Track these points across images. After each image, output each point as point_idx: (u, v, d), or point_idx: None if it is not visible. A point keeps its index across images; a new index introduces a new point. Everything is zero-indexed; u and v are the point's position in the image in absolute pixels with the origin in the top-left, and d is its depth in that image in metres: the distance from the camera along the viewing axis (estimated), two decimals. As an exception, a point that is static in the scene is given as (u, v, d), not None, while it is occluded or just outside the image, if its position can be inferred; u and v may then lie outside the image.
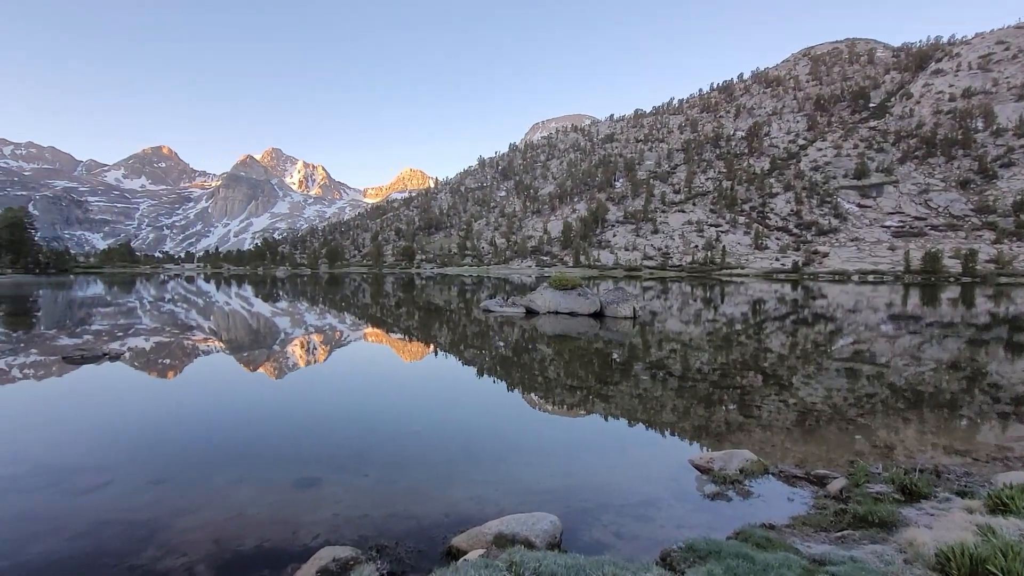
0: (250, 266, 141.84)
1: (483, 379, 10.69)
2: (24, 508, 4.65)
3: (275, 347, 14.84)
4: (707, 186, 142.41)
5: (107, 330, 17.32)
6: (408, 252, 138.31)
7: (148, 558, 3.79)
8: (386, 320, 22.42)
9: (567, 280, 23.17)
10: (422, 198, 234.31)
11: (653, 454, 6.44)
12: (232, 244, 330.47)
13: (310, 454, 6.08)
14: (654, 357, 12.85)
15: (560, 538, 3.94)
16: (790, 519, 4.42)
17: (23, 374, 10.55)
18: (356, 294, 39.48)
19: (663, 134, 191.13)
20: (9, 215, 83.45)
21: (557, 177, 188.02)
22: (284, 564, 3.69)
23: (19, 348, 13.62)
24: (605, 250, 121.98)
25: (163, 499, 4.79)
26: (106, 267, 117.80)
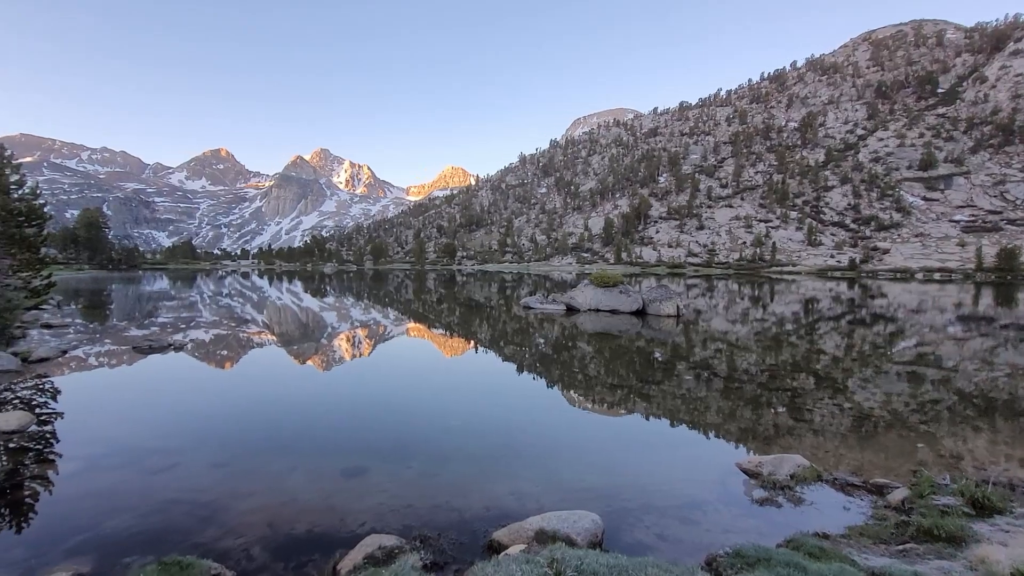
0: (300, 262, 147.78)
1: (523, 375, 10.73)
2: (103, 485, 5.07)
3: (323, 340, 15.42)
4: (756, 180, 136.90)
5: (171, 322, 18.51)
6: (449, 249, 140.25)
7: (210, 537, 4.06)
8: (428, 316, 22.85)
9: (608, 277, 22.87)
10: (463, 196, 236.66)
11: (697, 456, 6.29)
12: (283, 241, 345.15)
13: (356, 444, 6.30)
14: (698, 357, 12.52)
15: (602, 537, 3.93)
16: (846, 529, 4.22)
17: (99, 362, 11.44)
18: (399, 290, 40.43)
19: (709, 127, 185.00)
20: (87, 215, 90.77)
21: (598, 173, 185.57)
22: (333, 549, 3.86)
23: (96, 338, 14.76)
24: (647, 247, 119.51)
25: (223, 482, 5.11)
26: (170, 263, 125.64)
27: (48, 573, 3.43)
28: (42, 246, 15.63)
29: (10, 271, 13.80)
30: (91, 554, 3.81)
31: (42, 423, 6.97)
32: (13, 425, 6.53)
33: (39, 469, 5.44)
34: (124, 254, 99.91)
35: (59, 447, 6.14)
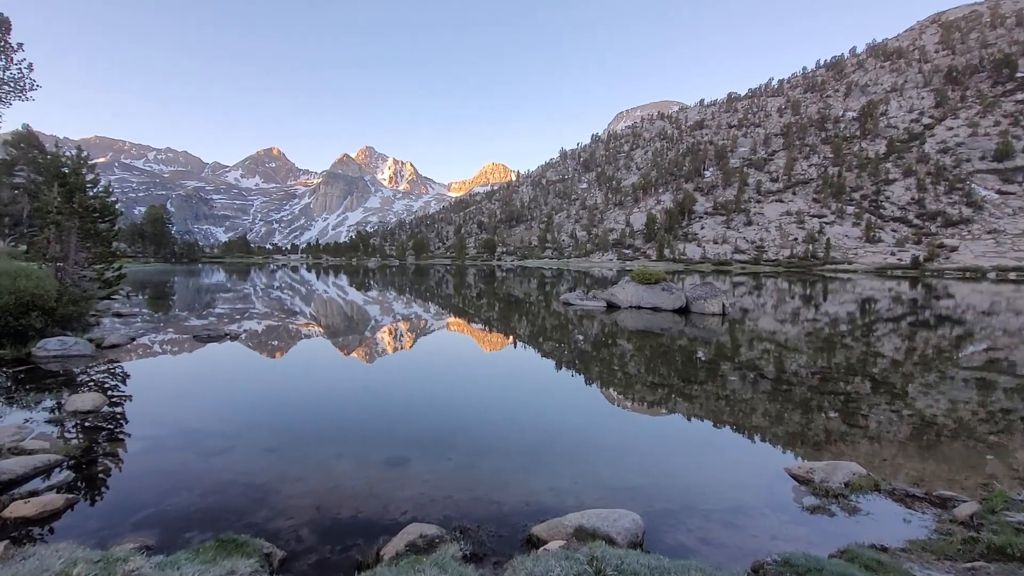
0: (345, 257, 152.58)
1: (562, 372, 10.69)
2: (166, 464, 5.42)
3: (366, 333, 15.87)
4: (810, 173, 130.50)
5: (227, 313, 19.52)
6: (489, 244, 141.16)
7: (262, 517, 4.27)
8: (467, 310, 23.09)
9: (650, 274, 22.41)
10: (503, 191, 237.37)
11: (743, 459, 6.08)
12: (330, 237, 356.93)
13: (398, 435, 6.46)
14: (744, 357, 12.09)
15: (642, 538, 3.88)
16: (906, 543, 3.98)
17: (163, 350, 12.22)
18: (440, 285, 41.06)
19: (759, 118, 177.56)
20: (152, 212, 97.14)
21: (641, 167, 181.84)
22: (376, 535, 3.98)
23: (160, 327, 15.76)
24: (692, 243, 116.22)
25: (275, 466, 5.36)
26: (226, 257, 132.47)
27: (118, 543, 3.70)
28: (113, 240, 16.80)
29: (86, 263, 14.91)
30: (156, 528, 4.09)
31: (113, 404, 7.52)
32: (89, 406, 7.09)
33: (110, 447, 5.87)
34: (185, 248, 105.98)
35: (128, 427, 6.60)
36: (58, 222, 14.00)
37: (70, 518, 4.25)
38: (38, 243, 15.17)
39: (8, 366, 9.56)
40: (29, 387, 8.29)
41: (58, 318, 12.16)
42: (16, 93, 19.80)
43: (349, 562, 3.68)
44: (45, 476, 4.94)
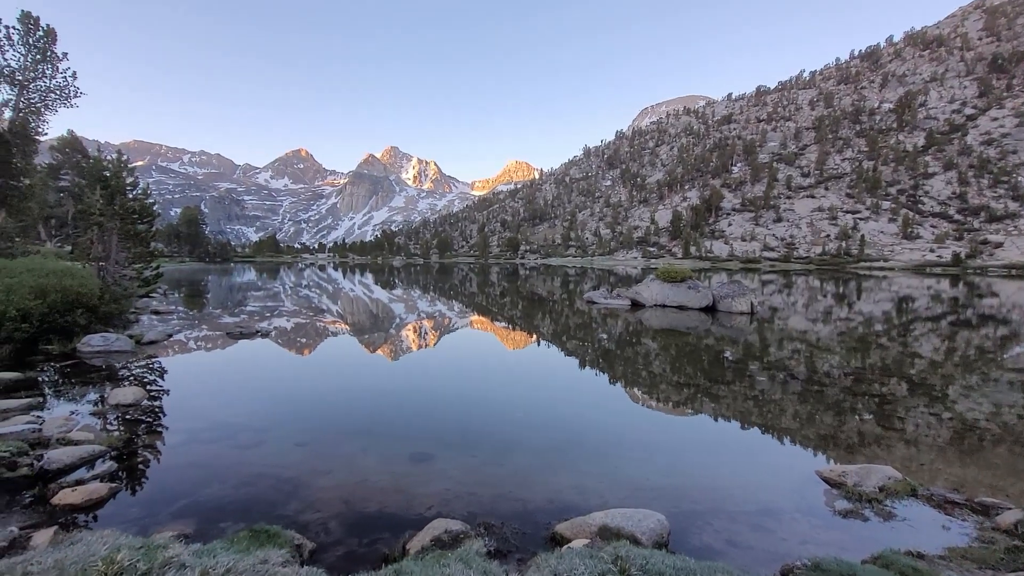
0: (370, 256, 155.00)
1: (585, 370, 10.64)
2: (201, 457, 5.62)
3: (391, 331, 16.10)
4: (843, 168, 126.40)
5: (258, 311, 20.07)
6: (513, 243, 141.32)
7: (292, 510, 4.39)
8: (491, 308, 23.19)
9: (676, 272, 22.09)
10: (527, 189, 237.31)
11: (772, 461, 5.95)
12: (356, 236, 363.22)
13: (422, 431, 6.55)
14: (773, 357, 11.81)
15: (667, 538, 3.84)
16: (945, 550, 3.84)
17: (198, 346, 12.65)
18: (463, 283, 41.32)
19: (790, 111, 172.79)
20: (187, 213, 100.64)
21: (667, 164, 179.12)
22: (402, 529, 4.05)
23: (195, 324, 16.31)
24: (719, 240, 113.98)
25: (304, 460, 5.50)
26: (257, 257, 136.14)
27: (158, 531, 3.86)
28: (151, 241, 17.47)
29: (126, 263, 15.55)
30: (192, 517, 4.25)
31: (151, 398, 7.83)
32: (129, 399, 7.40)
33: (149, 439, 6.12)
34: (218, 248, 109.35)
35: (165, 420, 6.86)
36: (100, 223, 14.63)
37: (113, 506, 4.45)
38: (82, 244, 15.91)
39: (55, 361, 10.05)
40: (74, 381, 8.71)
41: (101, 315, 12.72)
42: (61, 100, 20.74)
43: (376, 555, 3.76)
44: (89, 466, 5.18)
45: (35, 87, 20.10)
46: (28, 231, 34.04)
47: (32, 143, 20.69)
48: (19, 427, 5.97)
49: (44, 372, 9.25)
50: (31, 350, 10.60)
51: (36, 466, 5.03)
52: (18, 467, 5.02)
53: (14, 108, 19.76)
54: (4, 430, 5.83)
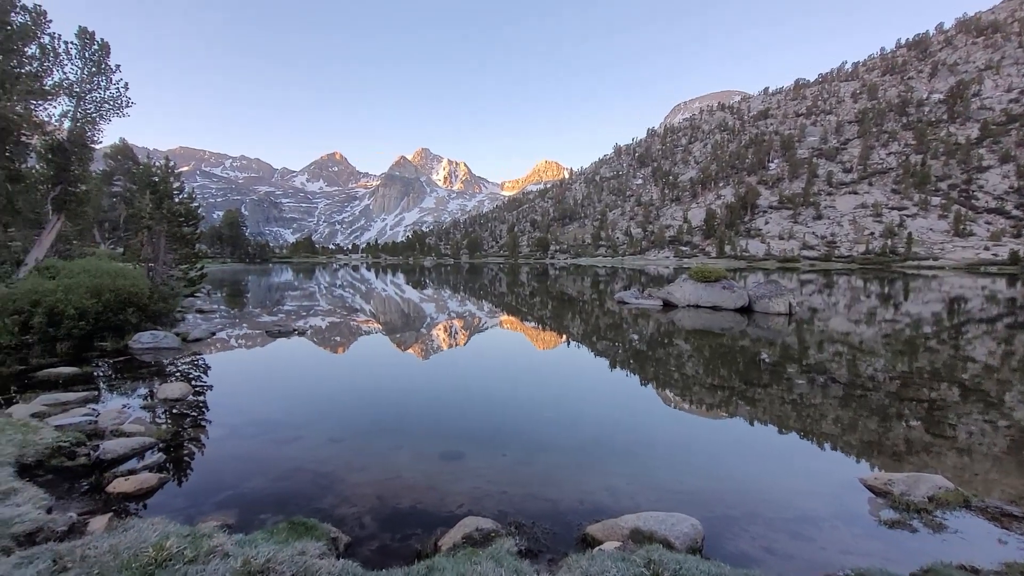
0: (402, 256, 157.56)
1: (616, 371, 10.53)
2: (242, 451, 5.84)
3: (422, 330, 16.32)
4: (888, 162, 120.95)
5: (294, 310, 20.69)
6: (542, 243, 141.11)
7: (328, 504, 4.51)
8: (520, 308, 23.21)
9: (710, 272, 21.59)
10: (556, 189, 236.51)
11: (811, 467, 5.74)
12: (388, 236, 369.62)
13: (453, 430, 6.62)
14: (813, 360, 11.40)
15: (701, 544, 3.76)
16: (1002, 565, 3.62)
17: (239, 344, 13.15)
18: (493, 283, 41.50)
19: (831, 105, 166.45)
20: (229, 216, 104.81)
21: (700, 161, 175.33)
22: (434, 526, 4.11)
23: (236, 323, 16.95)
24: (755, 239, 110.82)
25: (339, 456, 5.65)
26: (294, 257, 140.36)
27: (203, 521, 4.04)
28: (196, 242, 18.23)
29: (173, 264, 16.29)
30: (235, 508, 4.43)
31: (196, 393, 8.19)
32: (177, 394, 7.76)
33: (194, 432, 6.40)
34: (258, 249, 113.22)
35: (209, 415, 7.16)
36: (150, 226, 15.38)
37: (161, 495, 4.68)
38: (133, 246, 16.77)
39: (109, 357, 10.63)
40: (126, 376, 9.20)
41: (150, 314, 13.38)
42: (114, 110, 21.85)
43: (408, 550, 3.83)
44: (140, 457, 5.47)
45: (91, 98, 21.25)
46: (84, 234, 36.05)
47: (88, 151, 21.88)
48: (77, 419, 6.35)
49: (99, 367, 9.79)
50: (87, 346, 11.25)
51: (92, 456, 5.35)
52: (76, 456, 5.35)
53: (72, 119, 20.96)
54: (64, 421, 6.21)
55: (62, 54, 20.34)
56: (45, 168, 20.85)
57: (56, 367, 9.29)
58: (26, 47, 19.02)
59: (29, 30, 18.79)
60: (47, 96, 19.79)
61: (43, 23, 19.44)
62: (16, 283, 12.37)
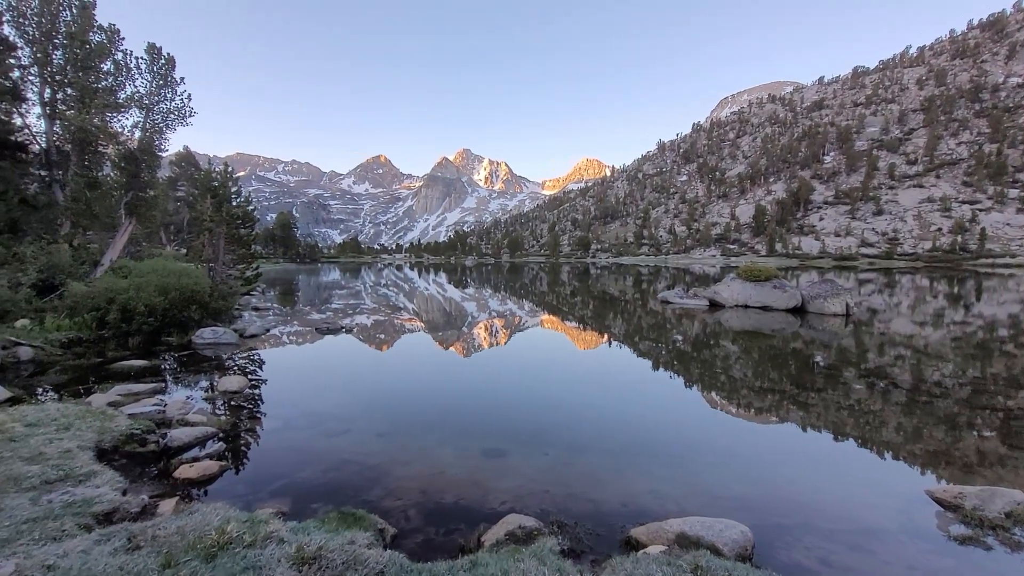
0: (444, 256, 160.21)
1: (660, 372, 10.31)
2: (295, 442, 6.11)
3: (464, 328, 16.54)
4: (959, 153, 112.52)
5: (342, 308, 21.42)
6: (583, 242, 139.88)
7: (375, 496, 4.66)
8: (561, 308, 23.11)
9: (760, 270, 20.78)
10: (598, 187, 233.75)
11: (872, 477, 5.43)
12: (430, 236, 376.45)
13: (495, 427, 6.67)
14: (872, 363, 10.77)
15: (751, 552, 3.64)
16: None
17: (290, 340, 13.74)
18: (534, 282, 41.49)
19: (893, 93, 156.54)
20: (281, 218, 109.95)
21: (748, 156, 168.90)
22: (477, 522, 4.17)
23: (288, 320, 17.72)
24: (808, 236, 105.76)
25: (385, 450, 5.81)
26: (341, 257, 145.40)
27: (260, 507, 4.25)
28: (252, 244, 19.18)
29: (231, 264, 17.20)
30: (288, 497, 4.64)
31: (252, 387, 8.62)
32: (235, 387, 8.20)
33: (251, 424, 6.74)
34: (308, 250, 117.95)
35: (264, 407, 7.53)
36: (210, 229, 16.31)
37: (222, 482, 4.96)
38: (195, 247, 17.83)
39: (174, 351, 11.36)
40: (190, 369, 9.80)
41: (211, 311, 14.19)
42: (179, 120, 23.34)
43: (452, 545, 3.90)
44: (202, 445, 5.81)
45: (158, 109, 22.77)
46: (152, 236, 38.63)
47: (156, 159, 23.46)
48: (147, 408, 6.83)
49: (165, 360, 10.48)
50: (155, 341, 12.07)
51: (161, 443, 5.74)
52: (147, 443, 5.75)
53: (142, 129, 22.52)
54: (136, 410, 6.68)
55: (133, 69, 21.86)
56: (118, 175, 22.49)
57: (128, 360, 10.01)
58: (102, 63, 20.55)
59: (105, 48, 20.29)
60: (120, 108, 21.31)
61: (117, 40, 20.95)
62: (93, 282, 13.42)
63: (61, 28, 19.21)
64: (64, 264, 14.40)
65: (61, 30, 19.19)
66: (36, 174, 19.51)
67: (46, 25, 18.85)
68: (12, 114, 18.21)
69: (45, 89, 19.21)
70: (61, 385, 8.32)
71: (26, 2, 18.62)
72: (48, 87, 19.22)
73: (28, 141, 19.03)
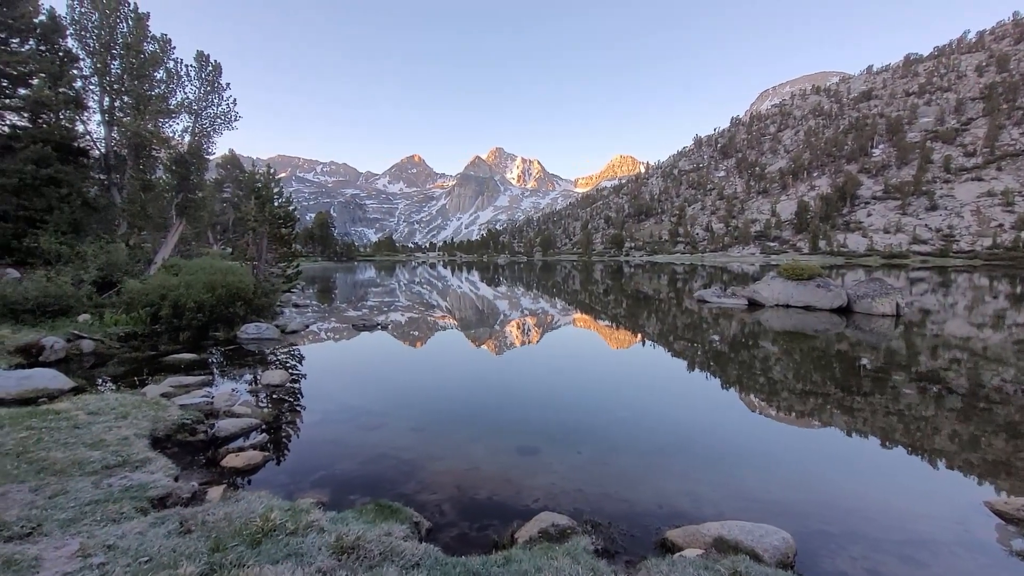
0: (476, 254, 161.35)
1: (695, 373, 10.09)
2: (333, 435, 6.30)
3: (496, 326, 16.62)
4: (1022, 143, 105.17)
5: (377, 305, 21.89)
6: (617, 240, 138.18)
7: (411, 489, 4.75)
8: (594, 307, 22.90)
9: (802, 269, 20.03)
10: (632, 184, 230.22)
11: (925, 487, 5.16)
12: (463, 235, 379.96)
13: (528, 425, 6.69)
14: (925, 367, 10.21)
15: (793, 559, 3.53)
16: None
17: (328, 336, 14.14)
18: (567, 280, 41.27)
19: (949, 81, 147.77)
20: (320, 217, 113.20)
21: (790, 150, 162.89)
22: (510, 518, 4.19)
23: (326, 317, 18.24)
24: (854, 233, 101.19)
25: (420, 445, 5.92)
26: (376, 256, 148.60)
27: (301, 497, 4.41)
28: (293, 242, 19.83)
29: (273, 262, 17.83)
30: (327, 488, 4.79)
31: (293, 380, 8.93)
32: (277, 380, 8.51)
33: (291, 416, 6.99)
34: (344, 248, 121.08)
35: (304, 400, 7.79)
36: (254, 228, 16.95)
37: (265, 472, 5.17)
38: (240, 246, 18.57)
39: (221, 345, 11.88)
40: (235, 362, 10.23)
41: (254, 307, 14.76)
42: (225, 124, 24.35)
43: (486, 540, 3.94)
44: (246, 436, 6.06)
45: (206, 114, 23.83)
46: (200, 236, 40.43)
47: (204, 162, 24.58)
48: (197, 399, 7.17)
49: (212, 354, 10.97)
50: (203, 336, 12.64)
51: (209, 433, 6.02)
52: (196, 433, 6.05)
53: (191, 133, 23.61)
54: (186, 401, 7.03)
55: (183, 76, 22.91)
56: (170, 178, 23.64)
57: (179, 353, 10.53)
58: (155, 72, 21.63)
59: (158, 57, 21.33)
60: (172, 114, 22.39)
61: (168, 50, 21.99)
62: (147, 280, 14.17)
63: (118, 39, 20.34)
64: (121, 262, 15.26)
65: (118, 41, 20.33)
66: (96, 178, 20.76)
67: (105, 37, 20.00)
68: (75, 122, 19.41)
69: (104, 97, 20.39)
70: (118, 376, 8.84)
71: (88, 16, 19.80)
72: (107, 95, 20.40)
73: (89, 147, 20.26)
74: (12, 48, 18.07)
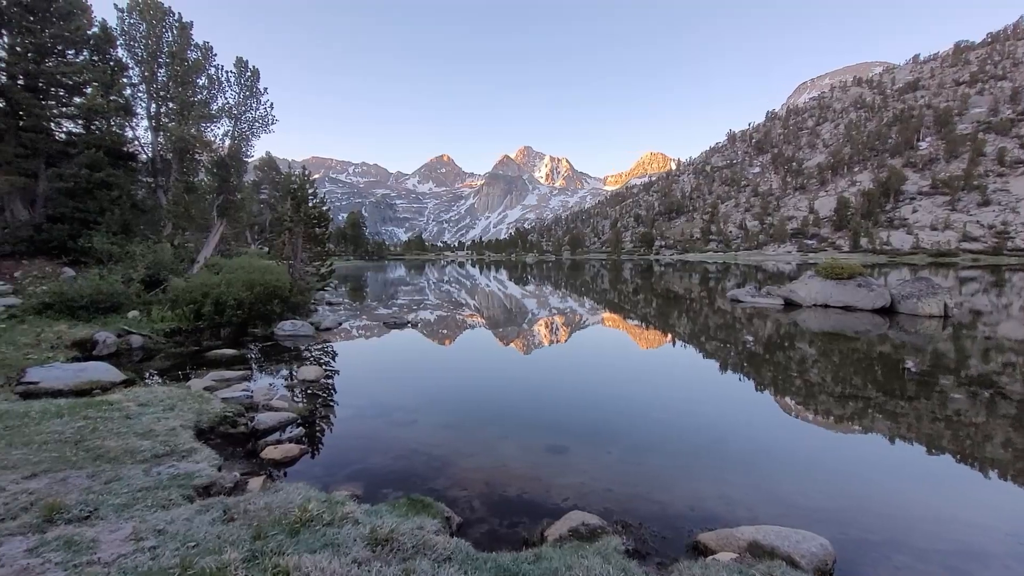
0: (505, 253, 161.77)
1: (728, 374, 9.87)
2: (366, 430, 6.45)
3: (524, 325, 16.64)
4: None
5: (407, 304, 22.23)
6: (647, 238, 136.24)
7: (441, 485, 4.83)
8: (623, 306, 22.67)
9: (843, 267, 19.31)
10: (662, 182, 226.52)
11: (974, 495, 4.92)
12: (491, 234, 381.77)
13: (558, 424, 6.69)
14: (975, 371, 9.71)
15: (832, 567, 3.42)
16: None
17: (360, 333, 14.45)
18: (595, 279, 40.95)
19: (1004, 69, 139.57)
20: (352, 217, 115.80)
21: (829, 144, 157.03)
22: (540, 516, 4.22)
23: (358, 315, 18.64)
24: (899, 230, 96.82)
25: (450, 441, 6.01)
26: (406, 255, 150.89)
27: (336, 489, 4.54)
28: (327, 242, 20.34)
29: (308, 261, 18.33)
30: (361, 481, 4.91)
31: (327, 376, 9.17)
32: (312, 376, 8.77)
33: (326, 411, 7.19)
34: (375, 247, 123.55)
35: (337, 396, 7.99)
36: (290, 228, 17.47)
37: (301, 464, 5.34)
38: (276, 246, 19.17)
39: (259, 341, 12.30)
40: (273, 358, 10.58)
41: (290, 305, 15.23)
42: (263, 128, 25.18)
43: (516, 537, 3.97)
44: (283, 430, 6.27)
45: (245, 118, 24.69)
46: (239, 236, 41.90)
47: (243, 164, 25.50)
48: (237, 393, 7.46)
49: (251, 350, 11.37)
50: (243, 332, 13.12)
51: (249, 426, 6.26)
52: (237, 425, 6.29)
53: (231, 137, 24.51)
54: (228, 395, 7.33)
55: (224, 82, 23.78)
56: (211, 180, 24.59)
57: (220, 349, 10.97)
58: (198, 78, 22.52)
59: (200, 64, 22.20)
60: (213, 119, 23.25)
61: (210, 56, 22.85)
62: (191, 278, 14.80)
63: (164, 48, 21.29)
64: (167, 261, 15.98)
65: (164, 50, 21.27)
66: (144, 181, 21.81)
67: (152, 46, 20.96)
68: (125, 128, 20.43)
69: (151, 104, 21.38)
70: (165, 370, 9.27)
71: (136, 26, 20.79)
72: (153, 102, 21.39)
73: (137, 152, 21.28)
74: (68, 59, 19.16)
